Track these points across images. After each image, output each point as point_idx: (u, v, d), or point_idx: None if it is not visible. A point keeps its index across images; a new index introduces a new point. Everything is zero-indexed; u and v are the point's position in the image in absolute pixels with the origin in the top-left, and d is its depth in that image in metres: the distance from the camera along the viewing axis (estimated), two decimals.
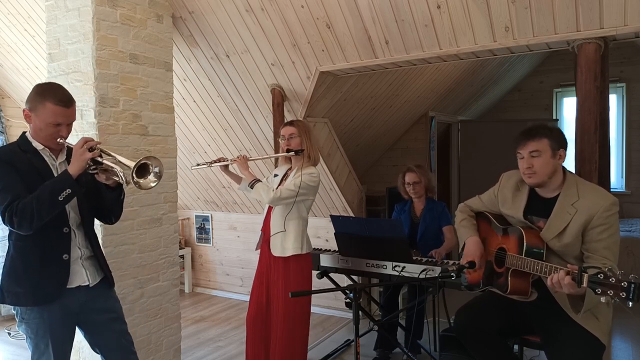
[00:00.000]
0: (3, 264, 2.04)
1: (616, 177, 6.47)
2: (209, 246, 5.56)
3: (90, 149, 1.96)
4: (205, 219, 5.53)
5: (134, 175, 1.94)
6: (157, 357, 3.20)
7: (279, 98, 3.79)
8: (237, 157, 2.98)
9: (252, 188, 2.92)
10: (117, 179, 2.04)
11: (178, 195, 3.41)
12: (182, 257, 5.29)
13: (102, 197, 2.17)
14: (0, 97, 4.93)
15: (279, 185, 3.02)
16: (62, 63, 2.95)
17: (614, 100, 6.42)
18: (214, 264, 5.55)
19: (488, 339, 2.31)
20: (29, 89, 4.66)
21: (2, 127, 4.82)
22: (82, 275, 2.10)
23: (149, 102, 3.12)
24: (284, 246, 2.93)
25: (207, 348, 3.98)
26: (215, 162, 3.01)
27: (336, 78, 3.71)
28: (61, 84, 2.87)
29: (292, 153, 2.96)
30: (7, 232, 2.02)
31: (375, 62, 3.27)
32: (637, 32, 2.53)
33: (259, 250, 3.15)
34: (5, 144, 4.71)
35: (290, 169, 3.10)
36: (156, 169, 2.01)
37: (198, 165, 3.11)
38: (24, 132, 2.08)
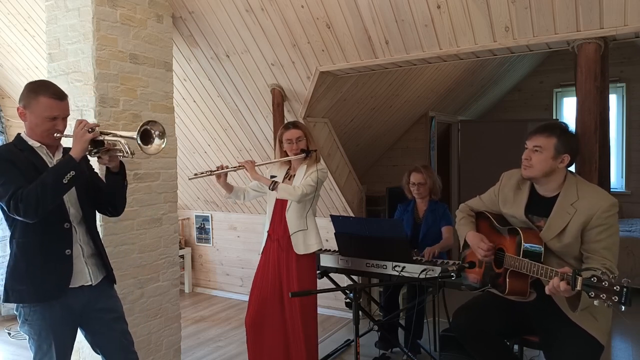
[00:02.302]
0: (7, 264, 2.05)
1: (616, 177, 6.47)
2: (209, 246, 5.56)
3: (90, 130, 1.98)
4: (205, 219, 5.53)
5: (140, 143, 1.96)
6: (157, 357, 3.20)
7: (279, 98, 3.79)
8: (245, 162, 2.97)
9: (272, 190, 2.96)
10: (120, 154, 2.05)
11: (178, 195, 3.41)
12: (182, 257, 5.29)
13: (102, 191, 2.18)
14: (0, 97, 4.93)
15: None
16: (62, 63, 2.95)
17: (614, 100, 6.42)
18: (214, 264, 5.55)
19: (488, 339, 2.31)
20: None
21: (2, 127, 4.82)
22: (85, 275, 2.10)
23: (149, 102, 3.12)
24: (307, 243, 3.01)
25: (207, 348, 3.98)
26: (217, 170, 2.99)
27: (336, 78, 3.71)
28: (61, 84, 2.88)
29: (303, 155, 2.99)
30: (7, 232, 2.02)
31: (375, 62, 3.27)
32: (637, 32, 2.53)
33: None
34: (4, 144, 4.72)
35: (290, 169, 3.12)
36: (157, 132, 2.04)
37: (196, 175, 3.03)
38: (19, 133, 2.09)
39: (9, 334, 4.35)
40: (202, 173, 3.01)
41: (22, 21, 3.95)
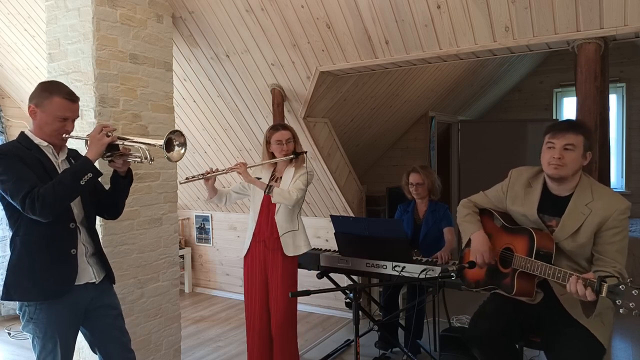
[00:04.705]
0: (8, 261, 2.05)
1: (616, 177, 6.47)
2: (209, 246, 5.56)
3: (107, 135, 2.04)
4: (205, 219, 5.53)
5: (165, 149, 2.04)
6: (157, 357, 3.20)
7: (279, 98, 3.79)
8: (236, 165, 2.97)
9: (268, 194, 2.98)
10: (137, 160, 2.12)
11: (178, 195, 3.41)
12: (182, 257, 5.29)
13: (104, 194, 2.24)
14: (0, 97, 4.93)
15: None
16: (62, 63, 2.95)
17: (614, 100, 6.43)
18: (214, 264, 5.55)
19: (498, 345, 2.26)
20: (28, 89, 4.66)
21: (2, 127, 4.82)
22: (89, 273, 2.13)
23: (149, 102, 3.12)
24: (297, 244, 3.03)
25: (207, 348, 3.98)
26: (209, 173, 2.98)
27: (336, 78, 3.71)
28: None
29: (293, 156, 3.01)
30: (7, 233, 2.03)
31: (375, 62, 3.27)
32: (637, 32, 2.53)
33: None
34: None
35: (275, 170, 3.14)
36: (178, 142, 2.11)
37: (187, 179, 2.99)
38: (23, 131, 2.09)
39: (9, 334, 4.34)
40: (194, 177, 3.00)
41: (22, 21, 3.95)
